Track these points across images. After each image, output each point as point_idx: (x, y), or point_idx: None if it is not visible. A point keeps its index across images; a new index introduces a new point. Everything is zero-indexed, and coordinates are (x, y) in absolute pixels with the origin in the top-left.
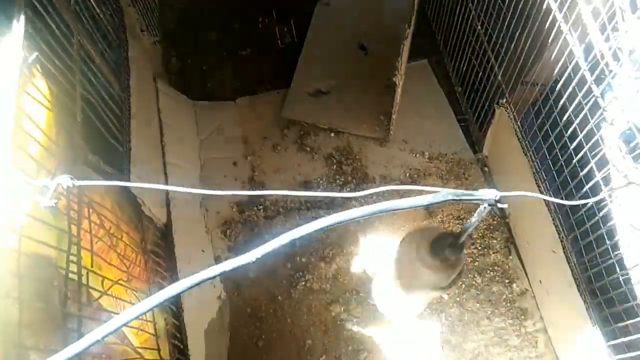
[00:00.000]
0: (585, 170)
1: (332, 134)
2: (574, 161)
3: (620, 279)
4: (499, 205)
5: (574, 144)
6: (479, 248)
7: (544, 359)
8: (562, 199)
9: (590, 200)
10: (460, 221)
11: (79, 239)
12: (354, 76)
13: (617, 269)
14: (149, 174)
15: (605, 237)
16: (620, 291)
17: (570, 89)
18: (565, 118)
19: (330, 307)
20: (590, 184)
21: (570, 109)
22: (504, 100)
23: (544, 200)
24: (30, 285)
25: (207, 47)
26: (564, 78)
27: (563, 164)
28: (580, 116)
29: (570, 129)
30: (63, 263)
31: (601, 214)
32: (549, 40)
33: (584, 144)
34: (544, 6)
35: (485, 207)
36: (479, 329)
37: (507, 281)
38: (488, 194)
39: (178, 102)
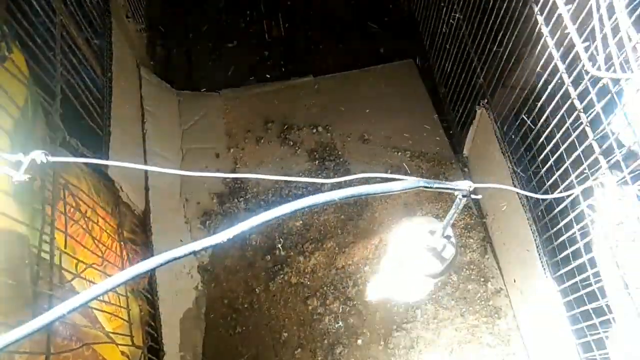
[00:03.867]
0: (560, 171)
1: (315, 130)
2: (550, 162)
3: (591, 278)
4: (473, 196)
5: (550, 145)
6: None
7: (516, 357)
8: (537, 199)
9: (557, 195)
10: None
11: (53, 219)
12: None
13: (588, 268)
14: (128, 160)
15: (578, 237)
16: (590, 290)
17: (548, 91)
18: (542, 120)
19: (307, 301)
20: (565, 184)
21: (548, 111)
22: (485, 101)
23: (520, 200)
24: (0, 261)
25: (193, 37)
26: (542, 80)
27: (540, 164)
28: (557, 118)
29: (547, 131)
30: (36, 242)
31: (574, 214)
32: (530, 44)
33: (560, 145)
34: (526, 10)
35: (460, 198)
36: (453, 326)
37: (482, 280)
38: (462, 184)
39: (161, 91)
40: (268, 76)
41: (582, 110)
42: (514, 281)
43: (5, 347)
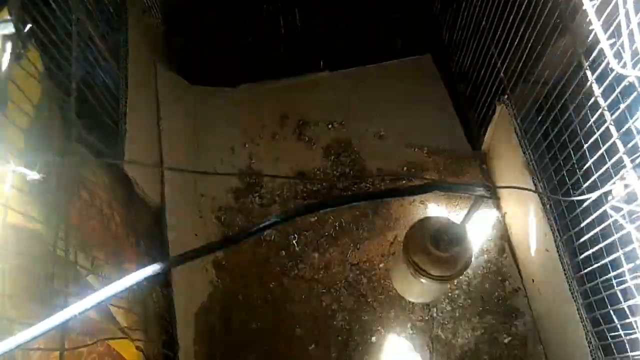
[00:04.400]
0: (582, 170)
1: (331, 126)
2: (572, 161)
3: (613, 280)
4: (492, 198)
5: (573, 143)
6: (473, 245)
7: (534, 358)
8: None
9: (579, 198)
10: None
11: (68, 215)
12: None
13: (610, 270)
14: (144, 155)
15: (600, 237)
16: (612, 292)
17: (572, 88)
18: (565, 117)
19: (321, 297)
20: (587, 183)
21: (571, 108)
22: (505, 97)
23: (540, 198)
24: (15, 258)
25: (209, 32)
26: (566, 76)
27: (561, 163)
28: (580, 115)
29: (570, 128)
30: (51, 239)
31: (596, 214)
32: (553, 38)
33: (583, 144)
34: (550, 3)
35: (478, 201)
36: (470, 325)
37: (499, 279)
38: (479, 187)
39: (177, 86)
40: (283, 71)
41: (606, 109)
42: (533, 281)
43: (20, 345)
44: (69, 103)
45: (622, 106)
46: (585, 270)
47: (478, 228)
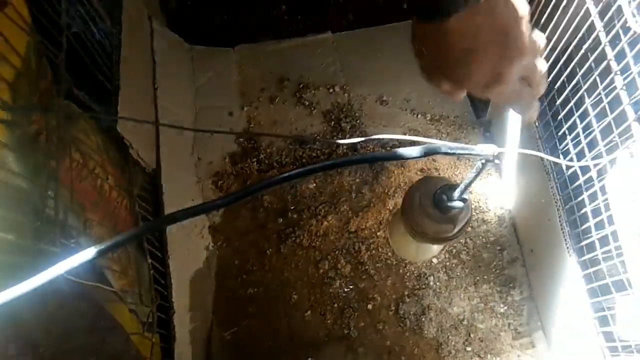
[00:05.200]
0: (589, 139)
1: (332, 90)
2: (578, 129)
3: (613, 252)
4: (495, 162)
5: (580, 110)
6: (473, 214)
7: (528, 327)
8: (561, 167)
9: (584, 163)
10: (457, 176)
11: (57, 174)
12: None
13: (611, 241)
14: (139, 115)
15: (602, 208)
16: (611, 264)
17: (582, 52)
18: (573, 83)
19: (318, 264)
20: (593, 153)
21: (580, 73)
22: None
23: (544, 168)
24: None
25: None
26: (576, 39)
27: (567, 131)
28: (590, 81)
29: (578, 95)
30: (39, 197)
31: (600, 184)
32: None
33: (590, 111)
34: None
35: (482, 163)
36: (466, 294)
37: (498, 248)
38: (486, 149)
39: (174, 45)
40: (284, 32)
41: (618, 73)
42: (531, 251)
43: (4, 304)
44: (59, 57)
45: (635, 70)
46: (586, 242)
47: (480, 192)
